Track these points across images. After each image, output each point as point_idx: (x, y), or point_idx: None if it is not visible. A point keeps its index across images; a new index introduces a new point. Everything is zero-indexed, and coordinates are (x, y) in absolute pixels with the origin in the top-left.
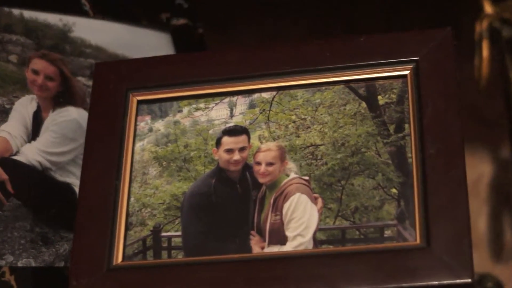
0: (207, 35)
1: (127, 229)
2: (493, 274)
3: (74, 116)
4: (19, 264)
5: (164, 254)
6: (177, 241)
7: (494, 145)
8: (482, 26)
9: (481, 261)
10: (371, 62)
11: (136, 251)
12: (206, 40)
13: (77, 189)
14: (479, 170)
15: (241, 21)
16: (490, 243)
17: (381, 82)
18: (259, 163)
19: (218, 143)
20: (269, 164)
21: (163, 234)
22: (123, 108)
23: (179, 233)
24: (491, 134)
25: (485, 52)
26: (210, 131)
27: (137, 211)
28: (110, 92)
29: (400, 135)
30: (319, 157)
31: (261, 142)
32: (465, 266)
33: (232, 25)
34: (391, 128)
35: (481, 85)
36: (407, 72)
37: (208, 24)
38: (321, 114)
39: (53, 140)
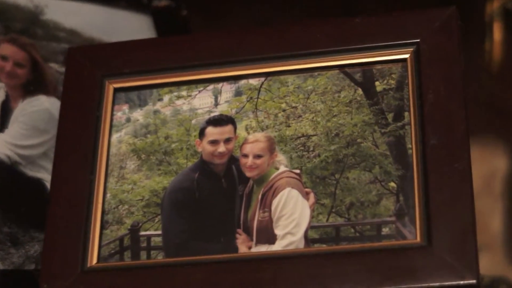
0: (192, 18)
1: (102, 228)
2: (507, 277)
3: (46, 106)
4: None
5: (143, 254)
6: (157, 240)
7: (509, 137)
8: (493, 7)
9: (494, 263)
10: (367, 45)
11: (112, 251)
12: (191, 24)
13: (48, 185)
14: (492, 165)
15: (230, 2)
16: (505, 243)
17: (378, 66)
18: (246, 156)
19: (202, 134)
20: (257, 156)
21: (142, 233)
22: (99, 96)
23: (159, 232)
24: (506, 126)
25: (497, 35)
26: (193, 121)
27: (114, 208)
28: (85, 79)
29: (399, 124)
30: (311, 148)
31: (248, 133)
32: (469, 266)
33: (220, 7)
34: (390, 116)
35: (493, 71)
36: (407, 56)
37: (193, 6)
38: (314, 102)
39: (23, 132)
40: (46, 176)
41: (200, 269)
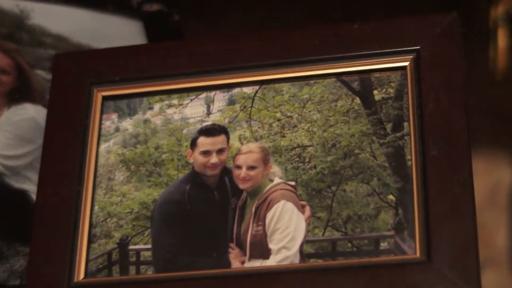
0: (184, 23)
1: (90, 241)
2: None
3: (32, 114)
4: None
5: (132, 269)
6: (146, 255)
7: None
8: (497, 12)
9: (498, 279)
10: (365, 52)
11: (100, 266)
12: (183, 29)
13: (34, 197)
14: (497, 176)
15: (226, 6)
16: (510, 258)
17: (377, 75)
18: (239, 167)
19: (194, 144)
20: (251, 168)
21: (131, 247)
22: (87, 104)
23: (149, 246)
24: (511, 135)
25: (501, 41)
26: (184, 131)
27: (102, 221)
28: (72, 86)
29: (398, 134)
30: (307, 159)
31: (242, 143)
32: (470, 282)
33: (214, 11)
34: (388, 127)
35: (496, 78)
36: (406, 64)
37: (185, 10)
38: (310, 111)
39: (8, 142)
40: (31, 188)
41: (191, 285)
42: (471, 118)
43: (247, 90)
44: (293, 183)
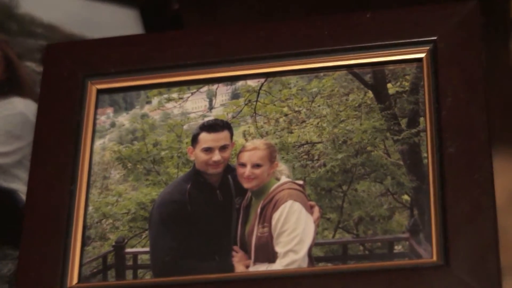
0: (184, 12)
1: (84, 244)
2: None
3: (21, 109)
4: None
5: (129, 274)
6: (144, 258)
7: None
8: None
9: None
10: (379, 43)
11: (94, 270)
12: (183, 19)
13: (24, 197)
14: None
15: None
16: None
17: (391, 67)
18: (243, 165)
19: (195, 140)
20: (256, 166)
21: (128, 250)
22: (80, 98)
23: (146, 249)
24: None
25: None
26: (185, 127)
27: (96, 222)
28: (64, 79)
29: (413, 130)
30: (315, 157)
31: (246, 140)
32: (490, 287)
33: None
34: (403, 122)
35: None
36: (422, 55)
37: None
38: (319, 106)
39: None
40: (21, 187)
41: None
42: (491, 113)
43: (252, 83)
44: (301, 182)
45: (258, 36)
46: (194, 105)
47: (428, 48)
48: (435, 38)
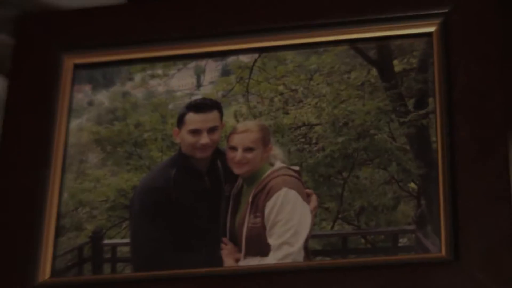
0: None
1: (58, 234)
2: None
3: None
4: None
5: (107, 267)
6: (124, 250)
7: None
8: None
9: None
10: (384, 16)
11: (69, 263)
12: None
13: None
14: None
15: None
16: None
17: (398, 42)
18: (234, 148)
19: (181, 121)
20: (248, 149)
21: (106, 241)
22: (55, 74)
23: (126, 240)
24: None
25: None
26: (170, 106)
27: (72, 210)
28: (38, 53)
29: (421, 112)
30: (313, 140)
31: (238, 121)
32: (504, 286)
33: None
34: (410, 103)
35: None
36: (432, 29)
37: None
38: (318, 84)
39: None
40: None
41: (176, 285)
42: (509, 94)
43: (245, 58)
44: (297, 168)
45: (251, 7)
46: (181, 82)
47: (438, 21)
48: (447, 10)
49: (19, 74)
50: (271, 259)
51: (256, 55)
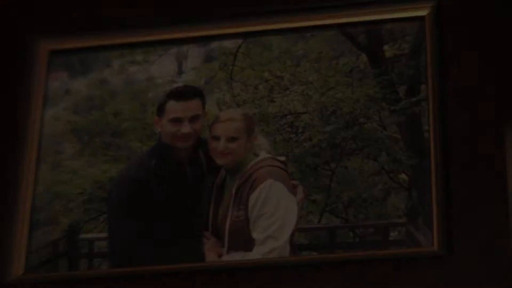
0: None
1: (32, 229)
2: None
3: None
4: None
5: (83, 263)
6: (101, 245)
7: None
8: None
9: None
10: None
11: (43, 259)
12: None
13: None
14: None
15: None
16: None
17: (388, 26)
18: (217, 138)
19: (161, 110)
20: (231, 139)
21: (82, 236)
22: (30, 61)
23: (104, 234)
24: None
25: None
26: (150, 94)
27: (47, 203)
28: (11, 38)
29: (413, 100)
30: (300, 129)
31: (221, 109)
32: (500, 281)
33: None
34: (402, 90)
35: None
36: (424, 13)
37: None
38: (305, 71)
39: None
40: None
41: (156, 281)
42: (505, 80)
43: (228, 44)
44: (283, 158)
45: None
46: (162, 69)
47: (432, 4)
48: None
49: None
50: (256, 254)
51: (240, 41)
